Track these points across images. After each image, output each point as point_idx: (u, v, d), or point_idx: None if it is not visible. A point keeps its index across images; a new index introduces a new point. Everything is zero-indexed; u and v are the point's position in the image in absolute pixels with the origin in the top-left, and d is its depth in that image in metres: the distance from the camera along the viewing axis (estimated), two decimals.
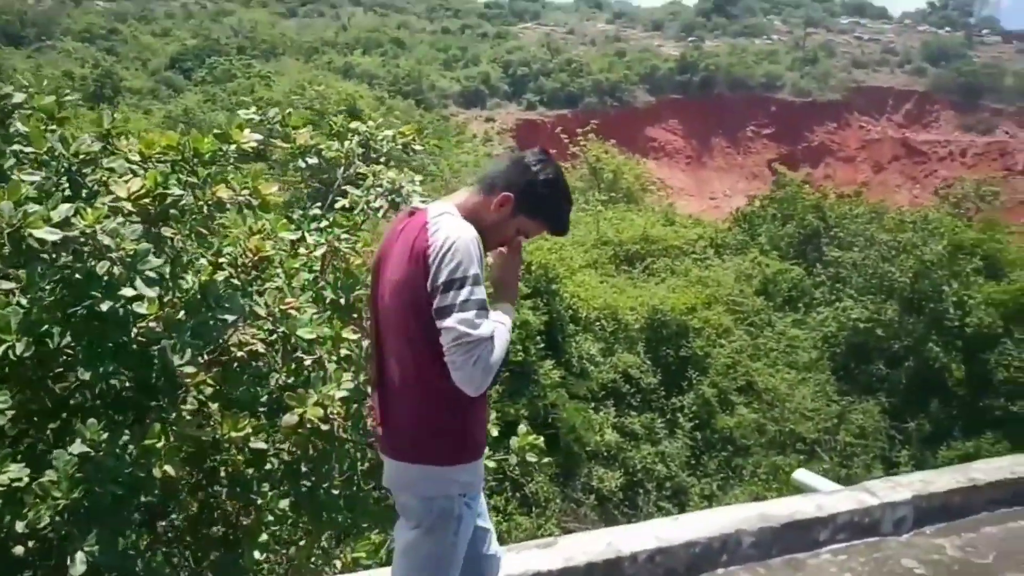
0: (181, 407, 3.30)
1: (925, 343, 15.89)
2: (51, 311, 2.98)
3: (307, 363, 3.65)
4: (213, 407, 3.50)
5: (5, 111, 3.51)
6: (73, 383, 3.18)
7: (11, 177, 2.86)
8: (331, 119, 4.93)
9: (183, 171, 3.38)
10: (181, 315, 3.02)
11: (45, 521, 2.83)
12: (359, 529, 4.04)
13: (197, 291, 3.15)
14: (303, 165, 4.35)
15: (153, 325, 2.97)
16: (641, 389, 13.80)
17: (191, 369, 3.13)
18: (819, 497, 4.58)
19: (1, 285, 2.99)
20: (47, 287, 2.95)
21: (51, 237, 2.68)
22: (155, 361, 3.18)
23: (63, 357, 3.13)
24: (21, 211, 2.62)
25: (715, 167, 58.72)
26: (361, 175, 4.49)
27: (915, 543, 4.34)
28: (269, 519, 3.68)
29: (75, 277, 2.91)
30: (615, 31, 73.98)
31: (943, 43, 71.31)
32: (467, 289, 2.34)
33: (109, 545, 2.95)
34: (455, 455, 2.54)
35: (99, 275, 2.83)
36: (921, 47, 70.66)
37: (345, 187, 4.45)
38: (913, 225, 18.64)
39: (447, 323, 2.34)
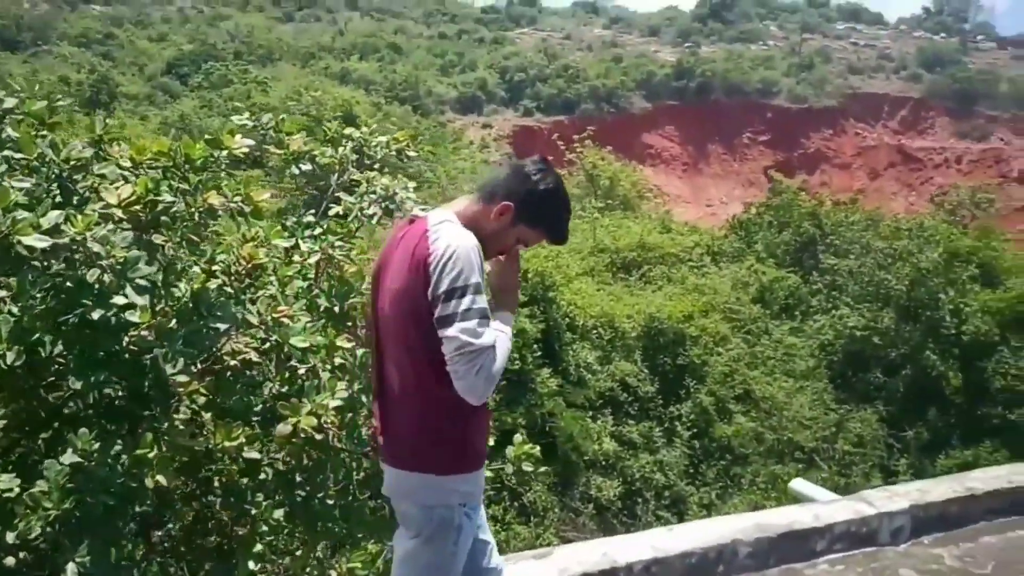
0: (174, 416, 3.26)
1: (922, 351, 15.88)
2: (42, 319, 2.95)
3: (301, 372, 3.62)
4: (206, 416, 3.47)
5: None
6: (65, 392, 3.15)
7: (1, 183, 2.83)
8: (326, 125, 4.90)
9: (175, 177, 3.35)
10: (173, 324, 2.99)
11: (36, 532, 2.79)
12: (354, 539, 4.00)
13: (189, 299, 3.12)
14: (297, 172, 4.33)
15: (145, 334, 2.94)
16: (639, 397, 13.78)
17: (184, 378, 3.10)
18: (816, 507, 4.58)
19: None
20: (38, 295, 2.92)
21: (40, 244, 2.65)
22: (147, 370, 3.16)
23: (55, 366, 3.10)
24: (10, 218, 2.60)
25: (711, 174, 58.85)
26: (355, 182, 4.47)
27: (913, 553, 4.34)
28: (264, 529, 3.64)
29: (66, 285, 2.88)
30: (611, 36, 74.17)
31: (938, 49, 71.70)
32: (469, 298, 2.33)
33: (101, 556, 2.92)
34: (455, 464, 2.53)
35: (90, 283, 2.81)
36: (917, 53, 71.01)
37: (339, 194, 4.43)
38: (909, 232, 18.68)
39: (449, 332, 2.33)
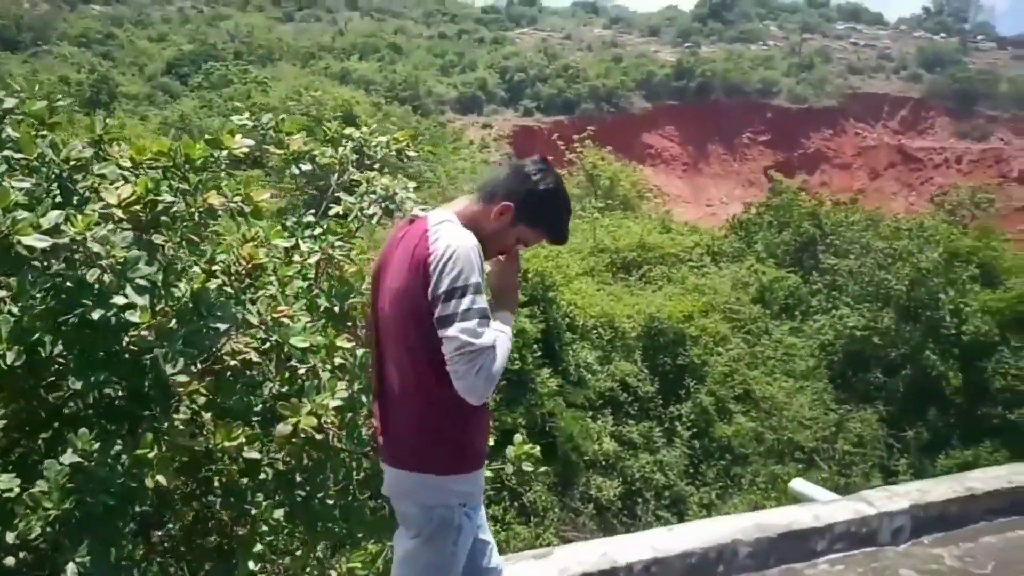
0: (174, 416, 3.27)
1: (922, 351, 15.88)
2: (42, 319, 2.95)
3: (301, 372, 3.62)
4: (206, 416, 3.47)
5: None
6: (65, 392, 3.15)
7: (1, 183, 2.83)
8: (326, 125, 4.90)
9: (175, 177, 3.35)
10: (173, 324, 2.99)
11: (36, 532, 2.79)
12: (354, 539, 4.00)
13: (189, 299, 3.13)
14: (297, 172, 4.33)
15: (145, 334, 2.94)
16: (639, 397, 13.78)
17: (184, 378, 3.11)
18: (816, 507, 4.58)
19: None
20: (38, 295, 2.92)
21: (40, 244, 2.66)
22: (147, 370, 3.16)
23: (55, 366, 3.10)
24: (10, 218, 2.60)
25: (711, 174, 58.84)
26: (355, 182, 4.47)
27: (913, 553, 4.34)
28: (264, 529, 3.65)
29: (66, 285, 2.88)
30: (611, 36, 74.13)
31: (938, 49, 71.65)
32: (469, 298, 2.33)
33: (101, 556, 2.93)
34: (455, 464, 2.53)
35: (90, 283, 2.81)
36: (916, 53, 70.98)
37: (339, 194, 4.43)
38: (909, 232, 18.67)
39: (449, 332, 2.33)
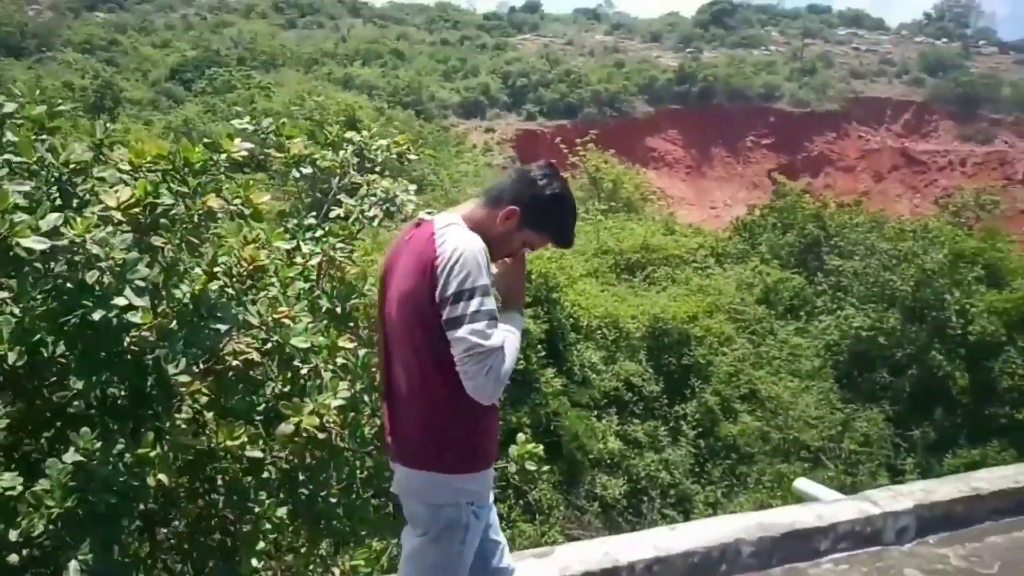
0: (176, 416, 3.29)
1: (928, 351, 15.82)
2: (44, 320, 2.97)
3: (303, 372, 3.64)
4: (208, 416, 3.49)
5: None
6: (68, 392, 3.17)
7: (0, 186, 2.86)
8: (327, 128, 4.92)
9: (174, 180, 3.37)
10: (174, 324, 3.01)
11: (39, 530, 2.81)
12: (358, 537, 4.01)
13: (190, 301, 3.14)
14: (298, 175, 4.35)
15: (146, 334, 2.96)
16: (644, 397, 13.76)
17: (186, 378, 3.13)
18: (820, 506, 4.56)
19: None
20: (38, 296, 2.94)
21: (39, 246, 2.68)
22: (149, 370, 3.18)
23: (57, 366, 3.12)
24: (8, 220, 2.61)
25: (715, 177, 58.81)
26: (356, 184, 4.49)
27: (918, 552, 4.32)
28: (267, 527, 3.66)
29: (66, 286, 2.90)
30: (613, 42, 74.20)
31: (940, 54, 71.55)
32: (477, 300, 2.35)
33: (103, 553, 2.94)
34: (462, 464, 2.54)
35: (90, 285, 2.83)
36: (918, 58, 70.88)
37: (340, 196, 4.45)
38: (913, 234, 18.59)
39: (458, 334, 2.35)
